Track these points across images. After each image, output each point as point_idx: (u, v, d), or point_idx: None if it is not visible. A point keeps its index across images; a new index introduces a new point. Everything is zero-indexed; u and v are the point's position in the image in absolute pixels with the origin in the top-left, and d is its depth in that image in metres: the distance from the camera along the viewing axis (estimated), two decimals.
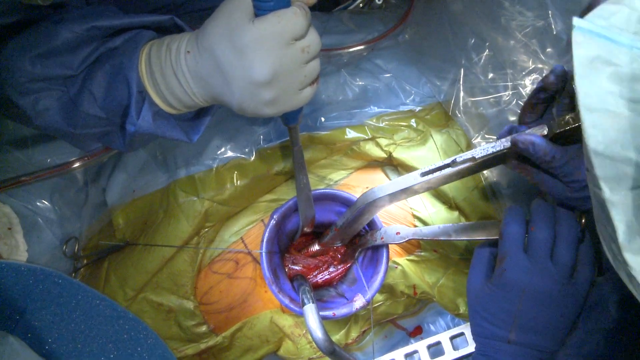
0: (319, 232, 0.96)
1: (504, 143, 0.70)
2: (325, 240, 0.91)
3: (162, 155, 0.94)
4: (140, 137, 0.68)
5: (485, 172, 0.96)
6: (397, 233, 0.85)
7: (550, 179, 0.69)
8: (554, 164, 0.65)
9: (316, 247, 0.95)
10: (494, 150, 0.70)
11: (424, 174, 0.75)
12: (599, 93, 0.40)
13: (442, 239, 0.80)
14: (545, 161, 0.65)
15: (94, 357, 0.53)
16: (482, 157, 0.71)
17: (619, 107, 0.40)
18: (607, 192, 0.40)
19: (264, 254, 0.86)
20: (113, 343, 0.53)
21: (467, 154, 0.72)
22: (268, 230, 0.88)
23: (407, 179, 0.76)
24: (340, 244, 0.94)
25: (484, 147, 0.71)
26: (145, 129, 0.66)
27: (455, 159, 0.73)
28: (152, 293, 0.92)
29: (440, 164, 0.74)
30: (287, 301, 0.84)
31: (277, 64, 0.58)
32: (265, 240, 0.87)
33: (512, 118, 0.91)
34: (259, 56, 0.57)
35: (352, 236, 0.91)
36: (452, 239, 0.79)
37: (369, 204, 0.79)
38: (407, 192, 0.76)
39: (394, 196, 0.77)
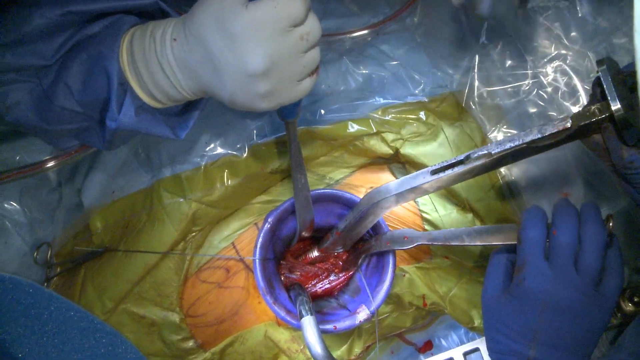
0: (318, 236, 0.96)
1: (524, 137, 0.70)
2: (325, 245, 0.92)
3: (144, 152, 0.94)
4: (121, 133, 0.68)
5: (502, 169, 0.97)
6: (405, 238, 0.84)
7: None
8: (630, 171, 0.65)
9: (315, 254, 0.95)
10: (513, 145, 0.70)
11: (434, 172, 0.75)
12: None
13: (454, 244, 0.79)
14: (622, 165, 0.65)
15: None
16: (500, 152, 0.71)
17: None
18: None
19: (257, 260, 0.86)
20: (89, 359, 0.54)
21: (483, 149, 0.72)
22: (262, 234, 0.88)
23: (415, 178, 0.76)
24: (341, 250, 0.94)
25: (502, 141, 0.71)
26: (127, 125, 0.66)
27: (469, 154, 0.73)
28: (134, 304, 0.93)
29: (453, 160, 0.74)
30: (283, 313, 0.84)
31: (273, 53, 0.58)
32: (258, 245, 0.87)
33: (533, 109, 0.92)
34: (253, 44, 0.57)
35: (355, 241, 0.91)
36: (465, 244, 0.79)
37: (373, 205, 0.79)
38: (416, 191, 0.77)
39: (402, 196, 0.78)
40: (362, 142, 1.00)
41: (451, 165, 0.74)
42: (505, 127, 0.95)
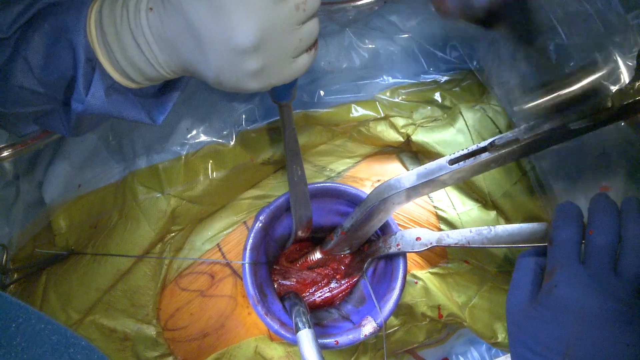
0: (317, 237, 0.96)
1: (557, 119, 0.70)
2: (328, 247, 0.92)
3: (116, 139, 0.94)
4: (89, 118, 0.68)
5: (532, 159, 0.97)
6: (418, 239, 0.85)
7: None
8: None
9: (317, 256, 0.96)
10: (545, 129, 0.70)
11: (453, 162, 0.75)
12: None
13: (475, 246, 0.79)
14: None
15: None
16: (529, 138, 0.71)
17: None
18: None
19: (247, 265, 0.86)
20: None
21: (510, 135, 0.72)
22: (252, 235, 0.88)
23: (431, 169, 0.76)
24: (348, 251, 0.94)
25: (532, 125, 0.71)
26: (96, 107, 0.66)
27: (493, 141, 0.73)
28: (103, 316, 0.93)
29: (475, 147, 0.74)
30: (276, 326, 0.84)
31: (264, 25, 0.58)
32: (248, 248, 0.87)
33: (566, 89, 0.91)
34: (242, 15, 0.57)
35: (362, 242, 0.92)
36: (487, 246, 0.79)
37: (383, 201, 0.79)
38: (432, 184, 0.77)
39: (415, 191, 0.78)
40: (367, 128, 1.00)
41: (473, 154, 0.74)
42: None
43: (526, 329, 0.69)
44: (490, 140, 0.73)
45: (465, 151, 0.74)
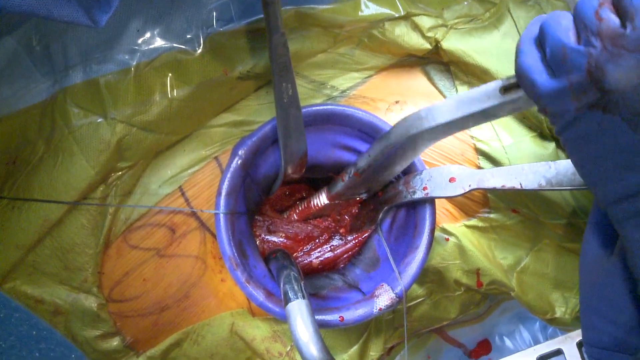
0: (313, 178, 0.97)
1: None
2: (337, 190, 0.93)
3: (42, 44, 0.93)
4: (7, 17, 0.68)
5: None
6: (452, 179, 0.85)
7: None
8: None
9: (323, 201, 0.96)
10: None
11: (506, 89, 0.71)
12: None
13: (528, 189, 0.79)
14: None
15: None
16: None
17: None
18: None
19: (221, 215, 0.87)
20: None
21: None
22: (229, 175, 0.88)
23: (476, 97, 0.72)
24: (365, 195, 0.94)
25: None
26: (16, 3, 0.65)
27: None
28: (26, 282, 0.93)
29: None
30: (261, 297, 0.85)
31: None
32: (224, 193, 0.88)
33: None
34: None
35: (381, 187, 0.92)
36: (546, 189, 0.78)
37: (411, 139, 0.78)
38: (476, 118, 0.73)
39: (455, 125, 0.75)
40: (382, 32, 1.00)
41: None
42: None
43: (598, 290, 0.66)
44: None
45: None
